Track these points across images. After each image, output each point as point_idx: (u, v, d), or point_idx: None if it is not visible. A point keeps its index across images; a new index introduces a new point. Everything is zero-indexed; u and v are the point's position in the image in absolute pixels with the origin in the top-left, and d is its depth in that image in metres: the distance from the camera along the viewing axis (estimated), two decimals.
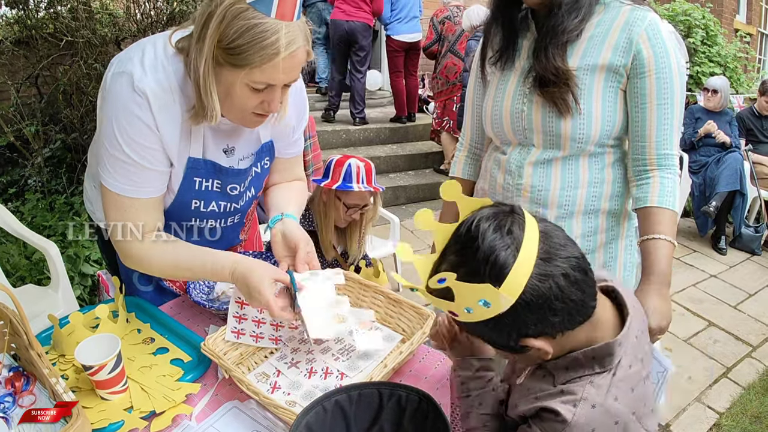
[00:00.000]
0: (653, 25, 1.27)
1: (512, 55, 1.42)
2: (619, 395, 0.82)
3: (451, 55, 5.26)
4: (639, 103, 1.30)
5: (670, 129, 1.30)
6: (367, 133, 6.03)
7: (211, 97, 1.10)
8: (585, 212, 1.39)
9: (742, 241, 4.69)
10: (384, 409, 0.84)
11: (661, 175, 1.31)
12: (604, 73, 1.30)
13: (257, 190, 1.46)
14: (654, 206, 1.30)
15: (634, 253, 1.47)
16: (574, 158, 1.37)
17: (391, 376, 1.17)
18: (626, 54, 1.28)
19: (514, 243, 0.75)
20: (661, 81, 1.27)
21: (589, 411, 0.80)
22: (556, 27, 1.29)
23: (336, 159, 1.95)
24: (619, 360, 0.83)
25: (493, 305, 0.75)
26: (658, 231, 1.28)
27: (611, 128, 1.33)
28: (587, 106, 1.30)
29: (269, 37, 1.03)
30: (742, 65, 8.22)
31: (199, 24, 1.06)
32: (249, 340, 1.26)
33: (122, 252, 1.25)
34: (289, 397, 1.13)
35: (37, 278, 2.81)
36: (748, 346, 3.24)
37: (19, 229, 2.45)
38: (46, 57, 3.55)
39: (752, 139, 5.03)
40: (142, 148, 1.16)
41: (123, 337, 1.29)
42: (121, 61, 1.15)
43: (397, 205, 5.43)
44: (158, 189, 1.23)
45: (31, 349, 1.04)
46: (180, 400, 1.10)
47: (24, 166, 3.72)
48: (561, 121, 1.32)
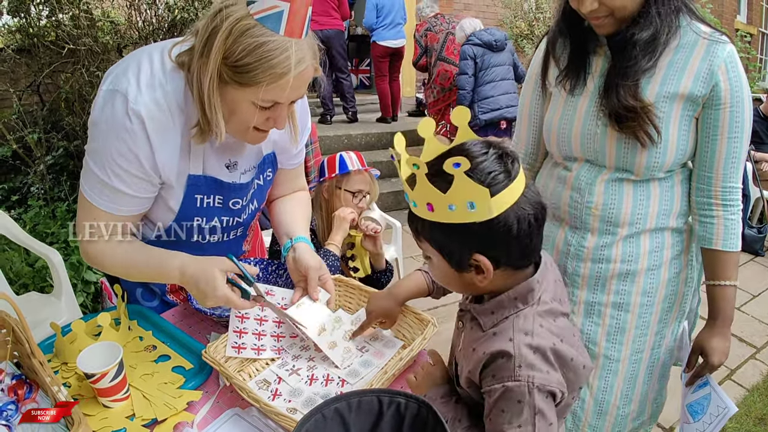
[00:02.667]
0: (732, 57, 1.25)
1: (582, 76, 1.37)
2: (543, 323, 0.91)
3: (441, 63, 5.43)
4: (710, 134, 1.29)
5: (738, 162, 1.31)
6: (368, 137, 6.05)
7: (216, 115, 1.07)
8: (654, 229, 1.39)
9: (744, 242, 4.65)
10: (383, 416, 0.84)
11: (725, 215, 1.33)
12: (683, 102, 1.28)
13: (260, 202, 1.45)
14: (720, 250, 1.34)
15: (695, 269, 1.49)
16: (645, 181, 1.36)
17: (391, 382, 1.17)
18: (706, 84, 1.25)
19: (511, 172, 0.85)
20: (734, 114, 1.26)
21: (524, 338, 0.88)
22: (630, 67, 1.25)
23: (327, 158, 2.02)
24: (540, 296, 0.93)
25: (478, 211, 0.83)
26: (724, 277, 1.35)
27: (683, 156, 1.33)
28: (665, 135, 1.28)
29: (278, 55, 1.00)
30: (743, 65, 8.21)
31: (202, 39, 1.03)
32: (250, 353, 1.25)
33: (82, 250, 1.26)
34: (290, 404, 1.13)
35: (40, 286, 2.81)
36: (752, 347, 3.23)
37: (21, 237, 2.46)
38: (48, 65, 3.57)
39: (756, 140, 5.03)
40: (128, 175, 1.14)
41: (125, 344, 1.29)
42: (117, 77, 1.10)
43: (399, 209, 5.42)
44: (137, 210, 1.22)
45: (33, 357, 1.05)
46: (181, 408, 1.10)
47: (26, 174, 3.74)
48: (636, 151, 1.30)
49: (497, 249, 0.88)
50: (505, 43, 4.83)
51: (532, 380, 0.86)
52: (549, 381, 0.87)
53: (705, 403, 1.37)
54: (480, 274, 0.90)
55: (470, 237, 0.87)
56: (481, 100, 4.82)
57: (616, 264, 1.40)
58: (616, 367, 1.45)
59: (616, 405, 1.48)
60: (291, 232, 1.41)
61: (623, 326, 1.43)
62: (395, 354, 1.28)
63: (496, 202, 0.83)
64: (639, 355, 1.46)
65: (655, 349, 1.47)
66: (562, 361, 0.90)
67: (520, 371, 0.86)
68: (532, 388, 0.86)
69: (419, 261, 4.21)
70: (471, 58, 4.74)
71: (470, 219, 0.84)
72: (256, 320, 1.30)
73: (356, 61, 8.91)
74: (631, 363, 1.46)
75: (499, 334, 0.91)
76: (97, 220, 1.19)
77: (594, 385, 1.47)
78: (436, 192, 0.84)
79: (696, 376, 1.42)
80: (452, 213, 0.85)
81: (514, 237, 0.86)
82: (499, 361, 0.88)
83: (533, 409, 0.86)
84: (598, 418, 1.49)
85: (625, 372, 1.46)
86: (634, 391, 1.49)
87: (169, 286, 1.51)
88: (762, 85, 8.91)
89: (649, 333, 1.45)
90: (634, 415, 1.52)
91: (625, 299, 1.42)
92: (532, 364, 0.86)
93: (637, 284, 1.41)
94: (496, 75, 4.80)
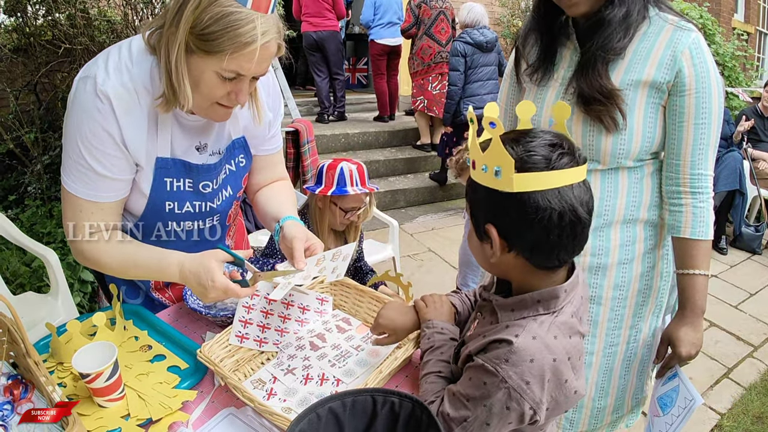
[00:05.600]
0: (697, 43, 1.26)
1: (550, 68, 1.40)
2: (558, 335, 0.89)
3: (426, 38, 5.58)
4: (676, 121, 1.30)
5: (706, 149, 1.31)
6: (366, 136, 6.06)
7: (184, 83, 1.10)
8: (624, 221, 1.39)
9: (742, 240, 4.69)
10: (378, 415, 0.84)
11: (694, 203, 1.33)
12: (647, 89, 1.29)
13: (235, 189, 1.45)
14: (688, 238, 1.34)
15: (670, 263, 1.49)
16: (614, 170, 1.37)
17: (387, 381, 1.18)
18: (670, 71, 1.27)
19: (551, 161, 0.83)
20: (700, 101, 1.27)
21: (530, 340, 0.86)
22: (605, 45, 1.27)
23: (327, 164, 1.95)
24: (563, 307, 0.91)
25: (502, 180, 0.83)
26: (693, 265, 1.35)
27: (651, 144, 1.33)
28: (630, 122, 1.30)
29: (244, 25, 1.03)
30: (740, 63, 8.22)
31: (174, 10, 1.06)
32: (252, 344, 1.27)
33: (75, 250, 1.27)
34: (285, 403, 1.13)
35: (37, 285, 2.81)
36: (749, 346, 3.24)
37: (18, 237, 2.45)
38: (45, 64, 3.56)
39: (754, 137, 5.04)
40: (104, 156, 1.17)
41: (120, 344, 1.29)
42: (87, 67, 1.16)
43: (396, 208, 5.44)
44: (118, 195, 1.24)
45: (29, 357, 1.05)
46: (177, 408, 1.10)
47: (23, 174, 3.73)
48: (602, 138, 1.31)
49: (512, 228, 0.87)
50: (494, 43, 4.94)
51: (508, 380, 0.85)
52: (523, 392, 0.85)
53: (674, 396, 1.36)
54: (491, 248, 0.90)
55: (490, 205, 0.88)
56: (467, 97, 4.92)
57: (586, 257, 1.40)
58: (590, 359, 1.46)
59: (592, 397, 1.49)
60: (277, 215, 1.41)
61: (596, 319, 1.44)
62: (390, 353, 1.28)
63: (521, 179, 0.82)
64: (614, 348, 1.46)
65: (630, 344, 1.48)
66: (557, 381, 0.87)
67: (505, 366, 0.85)
68: (502, 386, 0.85)
69: (416, 260, 4.22)
70: (461, 55, 4.82)
71: (493, 185, 0.85)
72: (262, 312, 1.31)
73: (353, 59, 8.92)
74: (605, 356, 1.46)
75: (511, 327, 0.90)
76: (83, 212, 1.21)
77: None
78: (478, 149, 0.86)
79: (665, 368, 1.42)
80: (483, 174, 0.87)
81: (534, 223, 0.84)
82: (497, 345, 0.89)
83: (486, 400, 0.87)
84: (574, 411, 1.50)
85: (599, 365, 1.47)
86: (611, 385, 1.49)
87: (153, 283, 1.51)
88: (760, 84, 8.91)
89: (623, 326, 1.45)
90: (612, 408, 1.53)
91: (596, 292, 1.42)
92: (519, 366, 0.85)
93: (608, 278, 1.41)
94: (483, 74, 4.92)
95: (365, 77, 8.82)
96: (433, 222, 5.19)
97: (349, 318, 1.44)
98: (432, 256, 4.36)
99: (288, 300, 1.37)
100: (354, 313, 1.46)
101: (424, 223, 5.14)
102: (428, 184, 5.69)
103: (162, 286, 1.54)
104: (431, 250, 4.45)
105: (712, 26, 6.62)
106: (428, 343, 1.12)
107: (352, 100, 7.46)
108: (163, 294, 1.54)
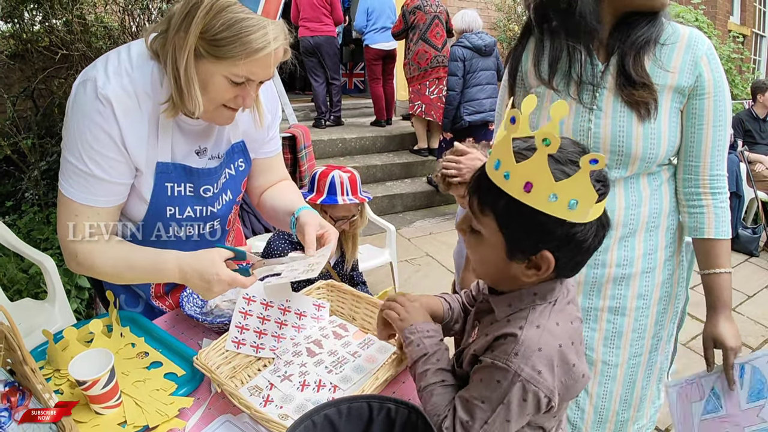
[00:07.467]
0: (710, 49, 1.31)
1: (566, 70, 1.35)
2: (560, 321, 0.91)
3: (422, 43, 5.58)
4: (696, 123, 1.32)
5: (722, 151, 1.34)
6: (363, 141, 6.06)
7: (193, 87, 1.11)
8: (647, 230, 1.40)
9: (739, 242, 4.69)
10: (374, 422, 0.84)
11: (715, 204, 1.35)
12: (672, 93, 1.31)
13: (235, 194, 1.45)
14: (712, 238, 1.35)
15: (685, 268, 1.50)
16: (635, 177, 1.37)
17: (383, 388, 1.18)
18: (691, 75, 1.30)
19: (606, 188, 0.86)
20: (717, 103, 1.30)
21: (534, 330, 0.88)
22: (649, 34, 1.28)
23: (320, 171, 1.94)
24: (558, 298, 0.93)
25: (578, 211, 0.81)
26: (718, 264, 1.36)
27: (674, 147, 1.35)
28: (657, 125, 1.30)
29: (256, 31, 1.05)
30: (736, 66, 8.26)
31: (181, 15, 1.07)
32: (249, 350, 1.27)
33: (68, 255, 1.25)
34: (281, 410, 1.13)
35: (34, 292, 2.81)
36: (747, 348, 3.24)
37: (15, 243, 2.45)
38: (42, 70, 3.56)
39: (750, 140, 5.06)
40: (104, 159, 1.16)
41: (117, 351, 1.29)
42: (87, 71, 1.16)
43: (393, 213, 5.44)
44: (115, 200, 1.24)
45: (25, 365, 1.05)
46: (173, 415, 1.10)
47: (20, 180, 3.73)
48: (632, 140, 1.30)
49: (566, 254, 0.86)
50: (493, 48, 4.94)
51: (521, 373, 0.85)
52: (537, 382, 0.85)
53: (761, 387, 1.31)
54: (532, 270, 0.88)
55: (550, 233, 0.83)
56: (467, 101, 4.92)
57: (611, 268, 1.40)
58: (615, 372, 1.45)
59: (616, 411, 1.48)
60: (291, 208, 1.40)
61: (620, 330, 1.43)
62: (387, 359, 1.28)
63: (596, 210, 0.83)
64: (637, 359, 1.46)
65: (652, 352, 1.48)
66: (565, 366, 0.89)
67: (515, 360, 0.85)
68: (516, 380, 0.85)
69: (413, 265, 4.21)
70: (460, 60, 4.83)
71: (562, 215, 0.81)
72: (258, 318, 1.32)
73: (350, 64, 8.94)
74: (629, 367, 1.46)
75: (513, 321, 0.91)
76: (78, 216, 1.20)
77: (593, 392, 1.46)
78: (548, 176, 0.79)
79: (729, 369, 1.36)
80: (551, 204, 0.80)
81: (584, 249, 0.86)
82: (503, 340, 0.89)
83: (504, 397, 0.86)
84: (598, 426, 1.49)
85: (623, 377, 1.46)
86: (633, 396, 1.49)
87: (153, 291, 1.51)
88: None
89: (646, 336, 1.45)
90: (634, 419, 1.52)
91: (621, 303, 1.42)
92: (529, 358, 0.85)
93: (632, 288, 1.41)
94: (482, 78, 4.92)
95: (362, 82, 8.84)
96: (431, 226, 5.19)
97: (346, 324, 1.44)
98: (429, 260, 4.36)
99: (285, 306, 1.37)
100: (351, 319, 1.46)
101: (422, 228, 5.14)
102: (425, 188, 5.70)
103: (162, 293, 1.53)
104: (429, 255, 4.45)
105: (708, 29, 6.66)
106: (419, 350, 1.04)
107: (349, 105, 7.48)
108: (164, 302, 1.54)
